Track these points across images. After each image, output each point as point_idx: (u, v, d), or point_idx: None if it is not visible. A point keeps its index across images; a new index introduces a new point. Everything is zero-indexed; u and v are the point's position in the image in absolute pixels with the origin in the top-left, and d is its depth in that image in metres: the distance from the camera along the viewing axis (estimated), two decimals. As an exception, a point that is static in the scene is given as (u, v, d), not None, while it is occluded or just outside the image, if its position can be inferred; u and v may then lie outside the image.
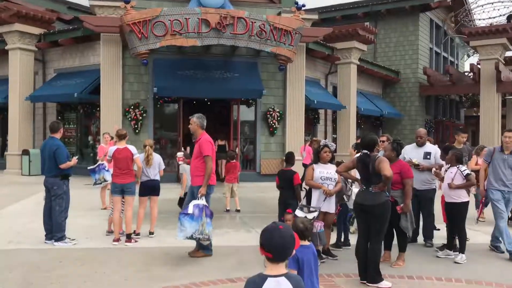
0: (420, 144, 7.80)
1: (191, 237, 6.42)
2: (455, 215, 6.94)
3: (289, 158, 7.72)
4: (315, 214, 6.45)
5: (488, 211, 9.12)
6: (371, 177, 5.85)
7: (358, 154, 6.24)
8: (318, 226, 6.43)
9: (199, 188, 6.67)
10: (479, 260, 6.99)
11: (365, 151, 5.95)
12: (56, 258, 6.57)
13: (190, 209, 6.40)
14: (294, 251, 2.50)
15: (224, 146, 17.84)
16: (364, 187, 5.91)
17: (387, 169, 5.71)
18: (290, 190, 7.33)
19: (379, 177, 5.77)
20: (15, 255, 6.65)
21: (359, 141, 8.37)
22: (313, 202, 6.74)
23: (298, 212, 6.38)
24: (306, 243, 3.93)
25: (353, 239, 8.33)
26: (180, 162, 7.07)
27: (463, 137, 8.88)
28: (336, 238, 7.52)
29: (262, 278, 2.42)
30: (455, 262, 6.74)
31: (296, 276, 2.54)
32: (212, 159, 6.73)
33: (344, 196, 7.35)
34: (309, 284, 3.64)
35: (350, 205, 7.21)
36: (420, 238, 7.93)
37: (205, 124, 7.05)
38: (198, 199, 6.56)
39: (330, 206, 6.80)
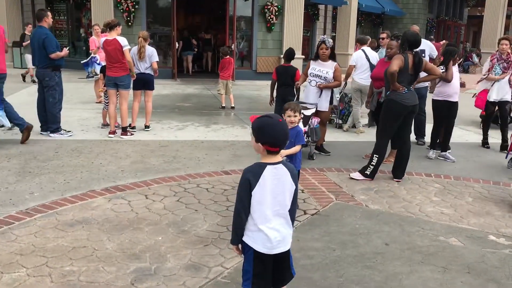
0: None
1: None
2: (454, 113, 6.97)
3: (290, 54, 7.51)
4: (313, 110, 6.45)
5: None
6: (415, 77, 5.79)
7: (405, 53, 5.74)
8: (315, 121, 6.47)
9: None
10: (469, 159, 7.14)
11: (416, 50, 5.75)
12: (52, 149, 6.64)
13: None
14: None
15: (209, 39, 18.56)
16: (406, 89, 5.67)
17: (436, 68, 5.97)
18: (290, 86, 7.23)
19: (417, 76, 5.82)
20: (12, 145, 6.71)
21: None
22: (310, 99, 6.69)
23: None
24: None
25: (344, 136, 8.47)
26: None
27: None
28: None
29: (262, 166, 2.45)
30: (428, 158, 6.98)
31: (290, 164, 2.58)
32: None
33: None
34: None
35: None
36: (412, 137, 8.03)
37: None
38: None
39: (321, 104, 6.75)
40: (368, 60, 8.31)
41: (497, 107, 8.01)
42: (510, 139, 6.95)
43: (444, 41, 17.51)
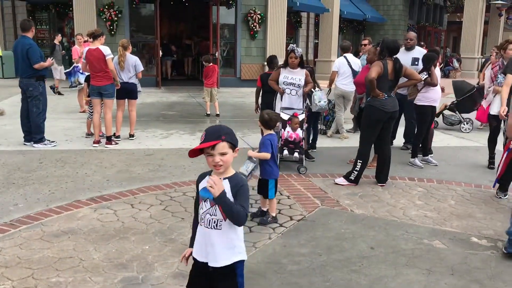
0: (409, 47, 7.70)
1: None
2: (433, 117, 7.20)
3: (272, 61, 7.57)
4: (303, 116, 6.52)
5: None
6: (395, 83, 5.90)
7: (385, 59, 5.79)
8: (305, 126, 6.57)
9: None
10: (451, 162, 7.26)
11: (396, 57, 5.87)
12: (37, 159, 6.58)
13: None
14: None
15: (190, 45, 19.41)
16: (387, 95, 5.77)
17: (416, 73, 6.07)
18: (275, 93, 7.25)
19: (397, 82, 5.95)
20: (-6, 157, 6.65)
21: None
22: (290, 105, 6.71)
23: (283, 115, 6.42)
24: (272, 132, 4.61)
25: (328, 142, 8.54)
26: None
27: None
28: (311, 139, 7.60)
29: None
30: (418, 167, 6.87)
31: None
32: None
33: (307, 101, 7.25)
34: (274, 159, 4.50)
35: (314, 108, 7.13)
36: (396, 142, 8.14)
37: None
38: None
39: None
40: (350, 66, 8.41)
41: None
42: (499, 164, 5.46)
43: (436, 47, 17.75)
